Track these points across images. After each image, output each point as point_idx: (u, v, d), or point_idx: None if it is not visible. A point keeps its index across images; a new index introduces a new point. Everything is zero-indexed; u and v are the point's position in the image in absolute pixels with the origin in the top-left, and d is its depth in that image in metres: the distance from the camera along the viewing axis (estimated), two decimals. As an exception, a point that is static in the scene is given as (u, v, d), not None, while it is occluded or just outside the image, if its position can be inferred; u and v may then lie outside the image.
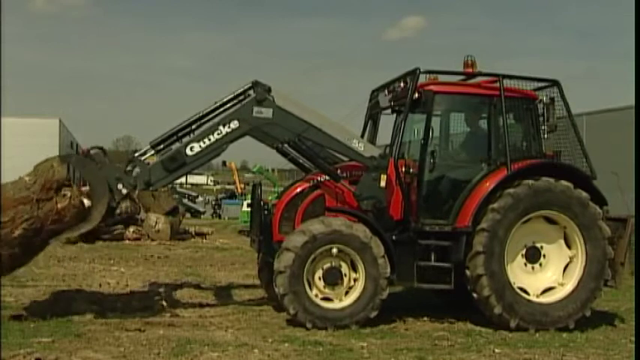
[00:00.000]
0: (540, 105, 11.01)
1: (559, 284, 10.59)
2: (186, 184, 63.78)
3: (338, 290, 10.12)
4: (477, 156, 11.02)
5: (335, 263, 10.08)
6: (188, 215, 33.77)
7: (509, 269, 10.34)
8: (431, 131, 10.77)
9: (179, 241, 22.97)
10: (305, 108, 10.61)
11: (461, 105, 11.41)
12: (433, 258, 10.48)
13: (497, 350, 9.06)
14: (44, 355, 8.09)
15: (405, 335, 9.90)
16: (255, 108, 10.27)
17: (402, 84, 10.99)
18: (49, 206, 9.62)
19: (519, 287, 10.41)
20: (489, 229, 10.17)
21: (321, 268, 10.07)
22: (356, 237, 9.97)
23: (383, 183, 10.41)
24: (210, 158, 10.51)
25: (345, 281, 10.11)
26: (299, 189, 10.82)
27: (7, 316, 10.00)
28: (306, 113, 10.49)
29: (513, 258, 10.49)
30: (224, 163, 41.82)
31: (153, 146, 10.35)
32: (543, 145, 11.02)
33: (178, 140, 10.43)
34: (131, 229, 22.74)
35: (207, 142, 10.16)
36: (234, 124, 10.22)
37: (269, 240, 10.74)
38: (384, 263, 10.03)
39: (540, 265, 10.64)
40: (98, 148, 10.33)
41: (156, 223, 22.89)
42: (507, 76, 10.92)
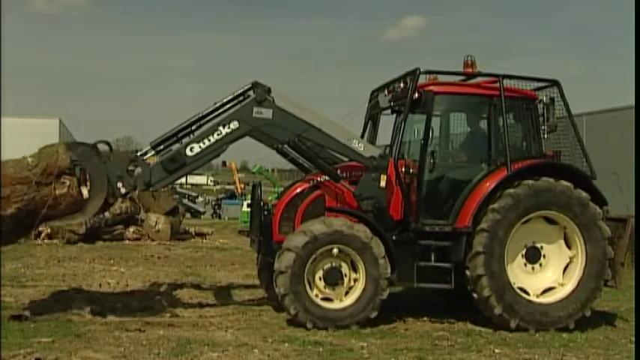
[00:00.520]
0: (540, 105, 11.01)
1: (559, 284, 10.59)
2: (186, 185, 63.74)
3: (338, 290, 10.13)
4: (477, 156, 11.03)
5: (335, 263, 10.09)
6: (188, 215, 33.74)
7: (509, 269, 10.35)
8: (431, 131, 10.78)
9: (179, 241, 22.95)
10: (305, 108, 10.62)
11: (461, 105, 11.42)
12: (433, 258, 10.49)
13: (497, 350, 9.07)
14: (44, 355, 8.11)
15: (405, 335, 9.92)
16: (254, 109, 10.28)
17: (402, 84, 11.00)
18: (47, 191, 9.61)
19: (519, 287, 10.42)
20: (489, 230, 10.18)
21: (322, 269, 10.08)
22: (357, 237, 9.98)
23: (383, 183, 10.42)
24: (210, 159, 10.51)
25: (346, 281, 10.12)
26: (299, 189, 10.83)
27: (7, 316, 10.00)
28: (305, 114, 10.50)
29: (513, 258, 10.50)
30: (224, 164, 41.71)
31: (153, 147, 10.35)
32: (543, 145, 11.03)
33: (178, 141, 10.43)
34: (131, 229, 22.72)
35: (207, 143, 10.17)
36: (234, 125, 10.23)
37: (269, 240, 10.74)
38: (385, 263, 10.04)
39: (540, 266, 10.64)
40: (105, 143, 10.34)
41: (156, 224, 22.88)
42: (507, 76, 10.93)
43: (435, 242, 10.52)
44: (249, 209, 12.56)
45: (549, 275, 10.66)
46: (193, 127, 10.49)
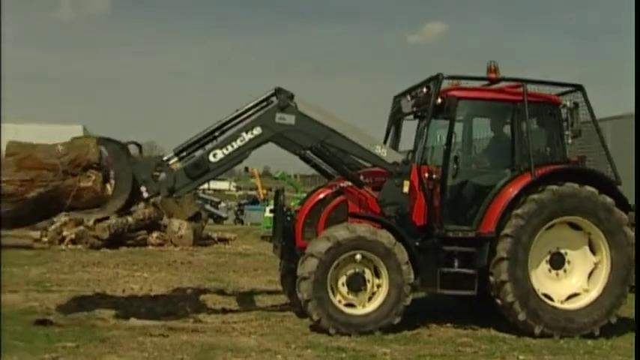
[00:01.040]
0: (564, 110, 10.96)
1: (584, 290, 10.52)
2: (208, 190, 63.83)
3: (361, 296, 10.11)
4: (501, 162, 11.00)
5: (358, 269, 10.08)
6: (211, 221, 33.81)
7: (533, 275, 10.29)
8: (454, 137, 10.75)
9: (202, 247, 23.03)
10: (327, 114, 10.63)
11: (484, 110, 11.39)
12: (457, 264, 10.46)
13: (521, 357, 9.03)
14: (69, 360, 8.17)
15: (429, 341, 9.88)
16: (277, 114, 10.30)
17: (425, 90, 11.00)
18: (72, 182, 9.70)
19: (543, 293, 10.36)
20: (513, 235, 10.13)
21: (345, 274, 10.07)
22: (380, 243, 9.97)
23: (406, 189, 10.41)
24: (233, 165, 10.55)
25: (369, 287, 10.11)
26: (322, 195, 10.83)
27: (33, 321, 10.08)
28: (328, 119, 10.51)
29: (537, 264, 10.44)
30: (246, 169, 41.92)
31: (176, 153, 10.39)
32: (567, 151, 10.97)
33: (201, 147, 10.47)
34: (154, 235, 22.84)
35: (230, 149, 10.20)
36: (256, 131, 10.26)
37: (292, 246, 10.75)
38: (408, 269, 10.02)
39: (565, 272, 10.58)
40: (136, 144, 10.41)
41: (179, 229, 22.99)
42: (531, 81, 10.88)
43: (459, 248, 10.49)
44: (271, 215, 12.59)
45: (574, 281, 10.59)
46: (216, 134, 10.54)
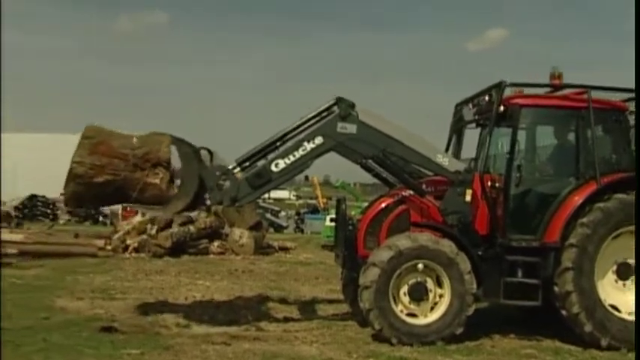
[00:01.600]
0: (630, 116, 10.76)
1: (652, 302, 10.28)
2: (269, 199, 64.31)
3: (423, 306, 10.06)
4: (565, 170, 10.85)
5: (420, 279, 10.03)
6: (271, 230, 34.08)
7: (599, 286, 10.11)
8: (517, 145, 10.63)
9: (263, 256, 23.23)
10: (388, 122, 10.62)
11: (548, 118, 11.23)
12: (520, 274, 10.33)
13: (587, 370, 8.88)
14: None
15: (492, 352, 9.77)
16: (339, 124, 10.33)
17: (487, 97, 10.90)
18: (139, 175, 9.89)
19: (610, 304, 10.16)
20: (578, 245, 9.98)
21: (407, 284, 10.03)
22: (442, 252, 9.91)
23: (468, 198, 10.34)
24: (294, 174, 10.61)
25: (431, 297, 10.05)
26: (384, 204, 10.82)
27: (98, 328, 10.27)
28: (389, 128, 10.50)
29: (604, 274, 10.25)
30: (306, 178, 42.10)
31: (239, 163, 10.49)
32: (634, 158, 10.76)
33: (264, 157, 10.55)
34: (216, 244, 23.12)
35: (292, 159, 10.26)
36: (318, 140, 10.30)
37: (354, 255, 10.77)
38: (471, 279, 9.94)
39: (632, 282, 10.36)
40: (207, 151, 10.55)
41: (240, 238, 23.21)
42: (595, 88, 10.71)
43: (522, 258, 10.36)
44: (332, 224, 12.62)
45: (642, 292, 10.36)
46: (278, 144, 10.61)
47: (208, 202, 10.41)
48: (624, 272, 10.32)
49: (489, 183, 10.55)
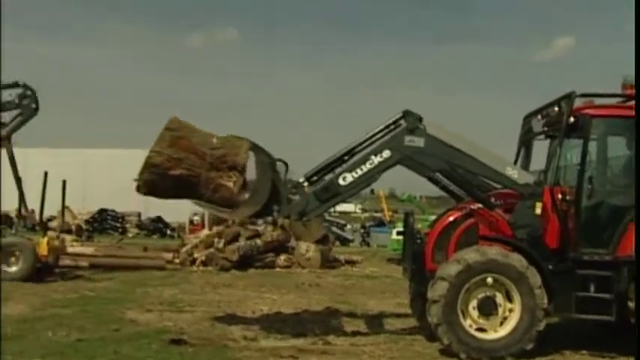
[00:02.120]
0: None
1: None
2: (334, 212, 64.48)
3: (493, 321, 9.96)
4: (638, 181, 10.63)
5: (490, 293, 9.94)
6: (337, 243, 34.13)
7: (675, 300, 9.87)
8: (588, 156, 10.48)
9: (329, 269, 23.30)
10: (456, 135, 10.59)
11: (619, 128, 11.01)
12: (593, 288, 10.15)
13: (664, 387, 8.66)
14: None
15: (563, 369, 9.63)
16: (406, 137, 10.35)
17: (557, 108, 10.77)
18: (213, 175, 10.04)
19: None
20: (654, 259, 9.77)
21: (476, 298, 9.95)
22: (512, 266, 9.81)
23: (538, 211, 10.21)
24: (362, 188, 10.66)
25: (500, 311, 9.95)
26: (452, 217, 10.78)
27: (167, 340, 10.43)
28: (457, 141, 10.46)
29: (680, 288, 10.00)
30: (372, 191, 42.17)
31: (307, 178, 10.57)
32: None
33: (331, 171, 10.61)
34: (282, 257, 23.28)
35: (359, 172, 10.31)
36: (386, 154, 10.33)
37: (422, 269, 10.74)
38: (541, 293, 9.80)
39: None
40: (283, 163, 10.65)
41: (306, 251, 23.33)
42: (669, 96, 10.48)
43: (595, 272, 10.18)
44: (399, 237, 12.60)
45: None
46: (346, 157, 10.66)
47: (275, 214, 10.50)
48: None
49: (560, 195, 10.41)
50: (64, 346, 9.88)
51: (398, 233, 24.39)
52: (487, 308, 9.93)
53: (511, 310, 9.93)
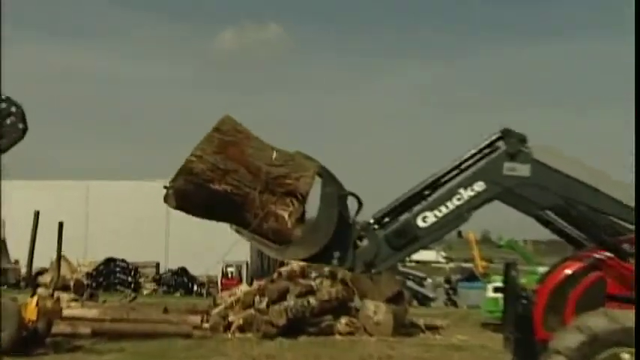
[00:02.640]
0: None
1: None
2: (410, 262, 64.38)
3: (626, 410, 9.75)
4: None
5: (624, 373, 9.74)
6: (414, 302, 34.01)
7: None
8: None
9: (404, 337, 23.12)
10: (574, 162, 10.45)
11: None
12: None
13: None
14: None
15: None
16: (506, 164, 10.26)
17: None
18: (266, 199, 9.90)
19: None
20: None
21: (604, 380, 9.76)
22: (654, 337, 9.60)
23: (689, 262, 10.01)
24: (447, 231, 10.59)
25: (639, 396, 9.73)
26: (570, 270, 10.60)
27: None
28: (575, 168, 10.33)
29: None
30: (460, 235, 41.91)
31: (377, 220, 10.48)
32: None
33: (407, 210, 10.51)
34: (343, 321, 23.12)
35: (444, 211, 10.23)
36: (479, 186, 10.25)
37: (529, 338, 10.57)
38: (693, 374, 9.57)
39: None
40: (356, 198, 10.57)
41: (375, 313, 23.15)
42: None
43: None
44: (497, 295, 12.46)
45: None
46: (426, 192, 10.56)
47: (335, 262, 10.40)
48: None
49: None
50: None
51: (495, 290, 24.16)
52: (620, 393, 9.74)
53: (652, 397, 9.72)
